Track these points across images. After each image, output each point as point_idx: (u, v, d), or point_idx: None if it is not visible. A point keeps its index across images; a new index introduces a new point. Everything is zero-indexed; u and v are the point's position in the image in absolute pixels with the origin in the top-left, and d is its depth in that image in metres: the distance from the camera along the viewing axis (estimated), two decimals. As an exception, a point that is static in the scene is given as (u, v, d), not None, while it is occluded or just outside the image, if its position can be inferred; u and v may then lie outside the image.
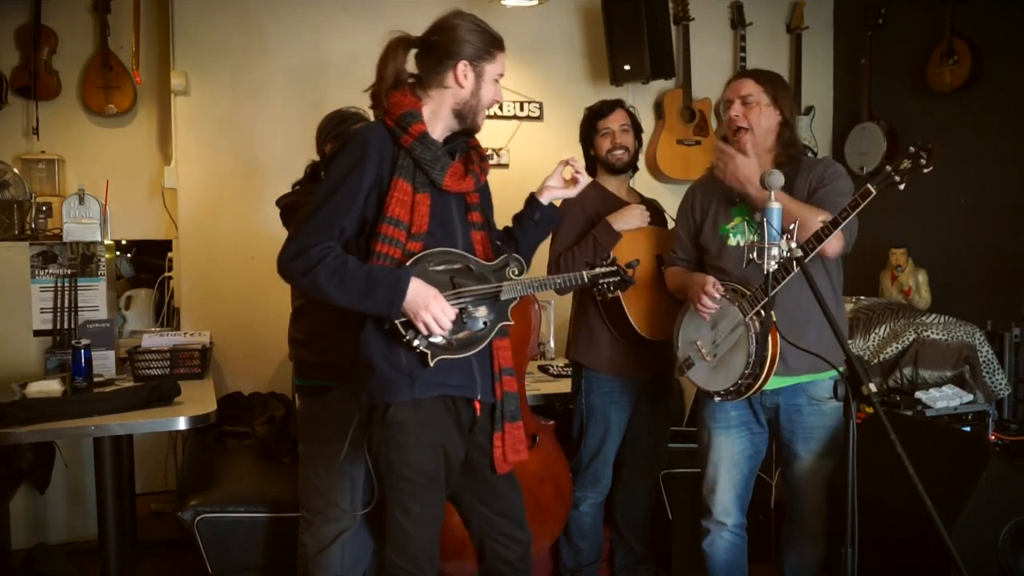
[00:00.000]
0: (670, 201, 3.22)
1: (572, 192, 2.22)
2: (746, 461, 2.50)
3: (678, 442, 3.28)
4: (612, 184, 2.94)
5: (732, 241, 2.44)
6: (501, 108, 4.27)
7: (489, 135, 4.25)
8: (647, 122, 4.57)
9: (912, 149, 2.01)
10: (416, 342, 1.86)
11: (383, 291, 1.82)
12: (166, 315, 4.06)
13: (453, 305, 1.91)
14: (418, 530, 1.93)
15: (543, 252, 2.79)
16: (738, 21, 4.64)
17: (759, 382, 2.28)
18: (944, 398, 3.15)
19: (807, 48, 4.76)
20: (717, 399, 2.40)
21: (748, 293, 2.29)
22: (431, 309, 1.84)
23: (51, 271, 3.49)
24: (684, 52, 4.48)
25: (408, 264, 1.88)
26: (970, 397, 3.19)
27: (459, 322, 1.92)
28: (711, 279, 2.35)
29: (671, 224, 3.00)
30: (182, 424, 2.66)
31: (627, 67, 4.19)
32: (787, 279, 2.18)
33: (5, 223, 3.59)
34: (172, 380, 2.96)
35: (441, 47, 1.94)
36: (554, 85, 4.39)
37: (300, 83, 4.02)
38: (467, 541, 2.73)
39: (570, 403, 3.06)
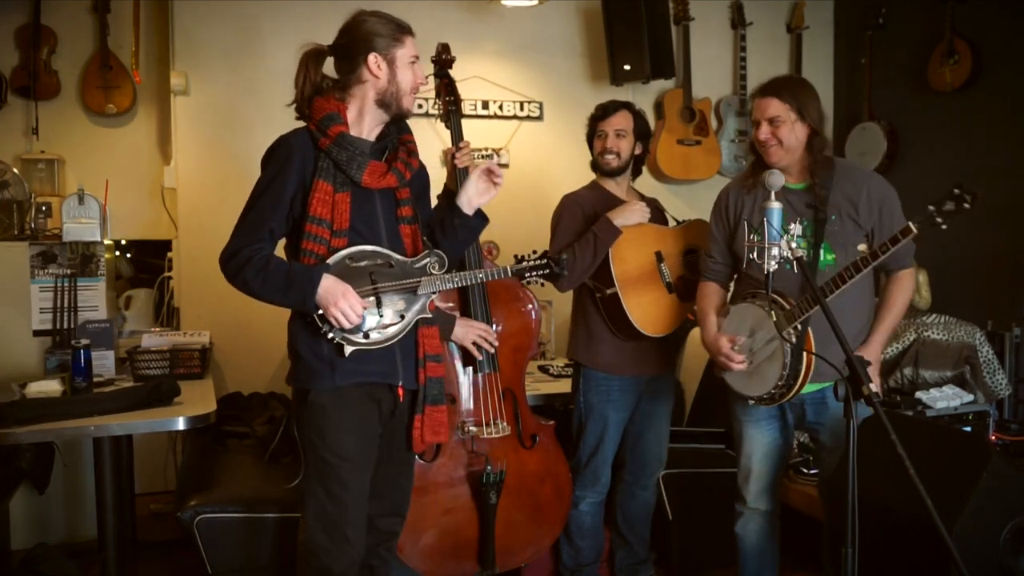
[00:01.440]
0: (670, 201, 3.22)
1: (494, 192, 2.23)
2: (776, 451, 2.57)
3: (678, 442, 3.28)
4: (610, 184, 2.94)
5: None
6: (501, 108, 4.28)
7: (489, 135, 4.25)
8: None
9: (957, 191, 2.02)
10: (331, 334, 1.99)
11: (299, 287, 1.96)
12: (166, 315, 4.05)
13: (369, 300, 2.02)
14: (337, 509, 2.03)
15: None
16: (738, 21, 4.64)
17: (792, 392, 2.32)
18: (944, 398, 3.15)
19: (807, 48, 4.76)
20: (751, 403, 2.44)
21: (787, 307, 2.27)
22: (339, 304, 1.95)
23: (51, 271, 3.49)
24: (684, 52, 4.48)
25: (330, 261, 2.01)
26: (970, 397, 3.19)
27: (374, 315, 2.03)
28: (722, 341, 2.41)
29: (672, 223, 3.00)
30: (182, 424, 2.66)
31: (627, 67, 4.19)
32: (836, 293, 2.20)
33: (5, 223, 3.59)
34: (172, 380, 2.96)
35: (350, 47, 2.07)
36: (554, 85, 4.38)
37: (300, 83, 4.01)
38: (466, 542, 2.74)
39: (570, 403, 3.06)
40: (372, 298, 2.03)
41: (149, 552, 3.53)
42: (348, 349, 2.01)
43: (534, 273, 2.21)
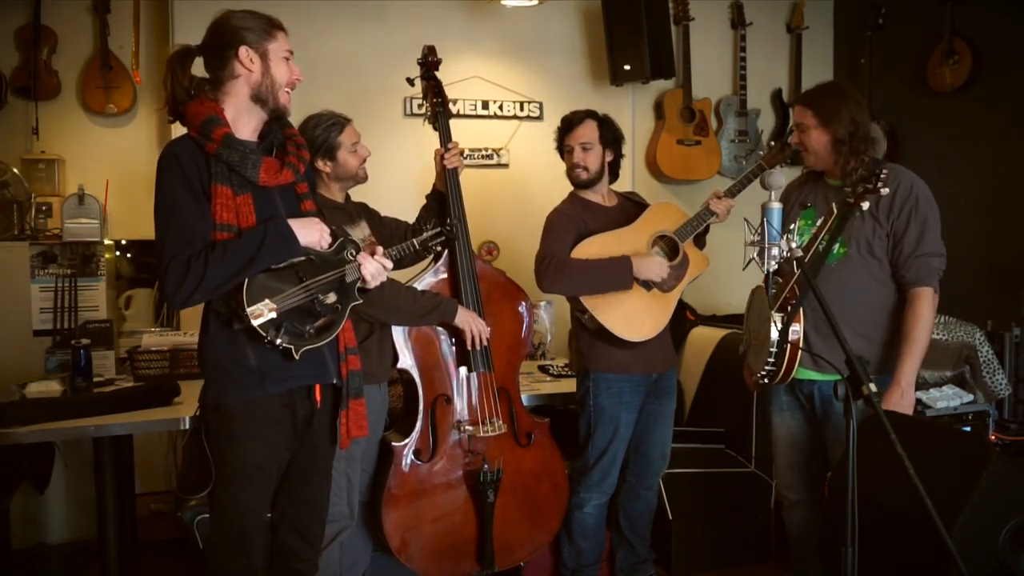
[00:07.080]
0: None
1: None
2: (805, 441, 2.60)
3: (678, 442, 3.27)
4: (587, 194, 2.91)
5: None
6: (501, 108, 4.28)
7: (489, 135, 4.25)
8: (647, 122, 4.58)
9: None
10: (278, 340, 1.89)
11: (272, 243, 1.90)
12: (166, 315, 4.05)
13: (303, 297, 1.95)
14: (243, 517, 2.00)
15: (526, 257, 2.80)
16: (738, 21, 4.64)
17: (781, 372, 2.35)
18: (944, 398, 3.15)
19: (807, 48, 4.76)
20: (763, 381, 2.46)
21: (784, 293, 2.33)
22: (310, 228, 1.97)
23: (51, 271, 3.50)
24: (684, 52, 4.48)
25: None
26: (970, 397, 3.19)
27: (313, 311, 1.97)
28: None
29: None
30: (182, 424, 2.66)
31: (627, 67, 4.19)
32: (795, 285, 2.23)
33: (5, 223, 3.59)
34: (172, 380, 2.96)
35: (219, 43, 1.99)
36: (554, 85, 4.38)
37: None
38: (465, 541, 2.74)
39: (570, 403, 3.05)
40: (306, 295, 1.96)
41: (149, 552, 3.53)
42: (298, 352, 1.93)
43: (434, 241, 2.39)
